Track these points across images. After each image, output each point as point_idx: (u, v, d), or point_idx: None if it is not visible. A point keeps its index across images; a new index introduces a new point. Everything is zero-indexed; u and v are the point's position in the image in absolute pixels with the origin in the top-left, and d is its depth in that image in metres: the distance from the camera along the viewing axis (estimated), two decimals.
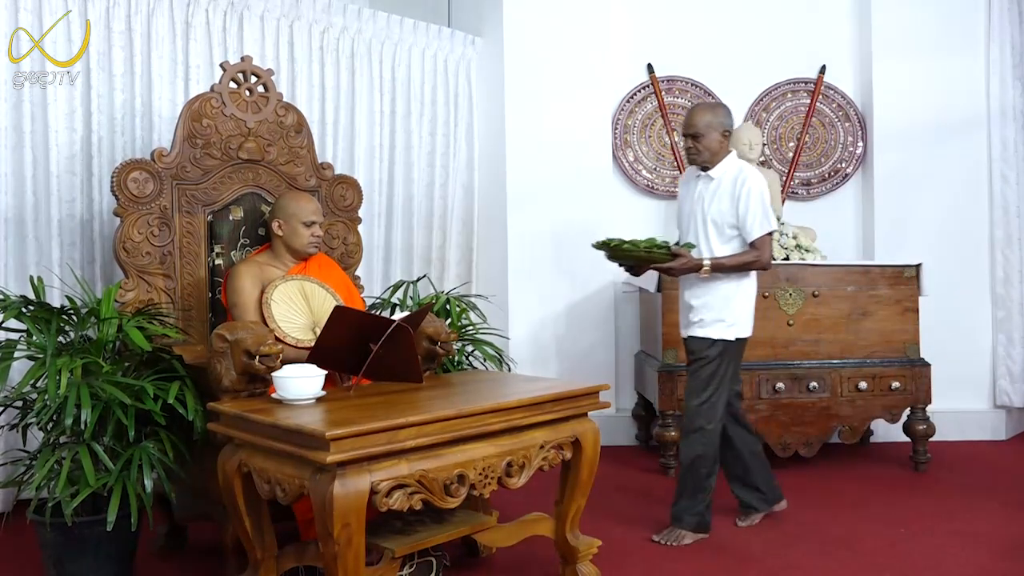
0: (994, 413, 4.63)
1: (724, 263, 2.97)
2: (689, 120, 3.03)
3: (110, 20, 3.39)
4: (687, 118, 3.06)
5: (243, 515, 2.23)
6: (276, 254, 2.90)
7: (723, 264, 2.97)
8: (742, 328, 3.04)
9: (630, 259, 3.00)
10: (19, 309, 2.44)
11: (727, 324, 3.00)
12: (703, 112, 3.03)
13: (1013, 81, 4.59)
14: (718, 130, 3.00)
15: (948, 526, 3.13)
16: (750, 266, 3.00)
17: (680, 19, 4.73)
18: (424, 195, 4.53)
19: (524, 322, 4.51)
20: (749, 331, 3.08)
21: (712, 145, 3.00)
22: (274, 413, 2.12)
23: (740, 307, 3.03)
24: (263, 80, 3.15)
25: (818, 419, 3.89)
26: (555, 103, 4.59)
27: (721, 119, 3.02)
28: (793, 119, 4.78)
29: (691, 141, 3.03)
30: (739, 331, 3.03)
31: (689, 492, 3.02)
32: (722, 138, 3.02)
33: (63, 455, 2.36)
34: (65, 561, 2.44)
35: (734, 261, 2.97)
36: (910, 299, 3.96)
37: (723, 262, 2.97)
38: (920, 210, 4.56)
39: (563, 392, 2.45)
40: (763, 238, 2.97)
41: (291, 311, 2.71)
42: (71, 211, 3.29)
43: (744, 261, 2.98)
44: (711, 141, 2.99)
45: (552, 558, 2.64)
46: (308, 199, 2.93)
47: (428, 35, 4.50)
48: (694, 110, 3.06)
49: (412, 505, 2.05)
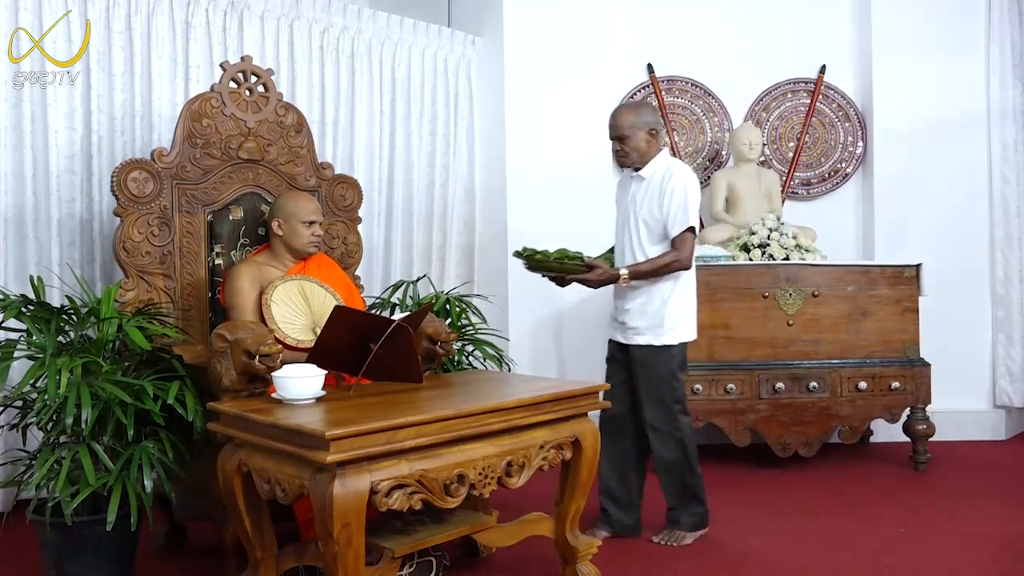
0: (994, 413, 4.63)
1: (642, 269, 2.88)
2: (612, 122, 2.97)
3: (110, 20, 3.39)
4: (610, 120, 2.98)
5: (243, 515, 2.23)
6: (275, 254, 2.89)
7: (642, 270, 2.88)
8: (683, 332, 2.96)
9: (546, 270, 2.91)
10: (19, 309, 2.44)
11: (666, 329, 2.92)
12: (626, 113, 2.97)
13: (1013, 81, 4.59)
14: (643, 129, 2.93)
15: (948, 526, 3.13)
16: (670, 267, 2.89)
17: (680, 19, 4.73)
18: (424, 195, 4.53)
19: (524, 322, 4.51)
20: (692, 334, 3.00)
21: (639, 145, 2.94)
22: (274, 413, 2.12)
23: (678, 309, 2.94)
24: (263, 80, 3.15)
25: (818, 419, 3.89)
26: (555, 103, 4.59)
27: (645, 118, 2.95)
28: (793, 119, 4.78)
29: (617, 144, 2.97)
30: (680, 335, 2.95)
31: (676, 494, 3.00)
32: (649, 137, 2.94)
33: (63, 455, 2.36)
34: (65, 561, 2.44)
35: (652, 265, 2.88)
36: (910, 299, 3.96)
37: (641, 268, 2.88)
38: (920, 210, 4.56)
39: (563, 392, 2.45)
40: (683, 235, 2.87)
41: (291, 312, 2.71)
42: (71, 211, 3.29)
43: (663, 263, 2.87)
44: (638, 141, 2.93)
45: (552, 558, 2.64)
46: (308, 198, 2.93)
47: (428, 35, 4.51)
48: (616, 112, 3.00)
49: (412, 505, 2.05)
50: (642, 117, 2.95)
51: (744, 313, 3.91)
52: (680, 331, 2.95)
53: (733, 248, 4.19)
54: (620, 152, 2.99)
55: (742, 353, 3.90)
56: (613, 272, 2.89)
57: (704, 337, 3.91)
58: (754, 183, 4.47)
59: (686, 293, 2.98)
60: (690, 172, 2.97)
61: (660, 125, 3.01)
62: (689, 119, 4.78)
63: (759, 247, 4.10)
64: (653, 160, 2.97)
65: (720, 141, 4.77)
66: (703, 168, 4.79)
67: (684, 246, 2.88)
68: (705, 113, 4.78)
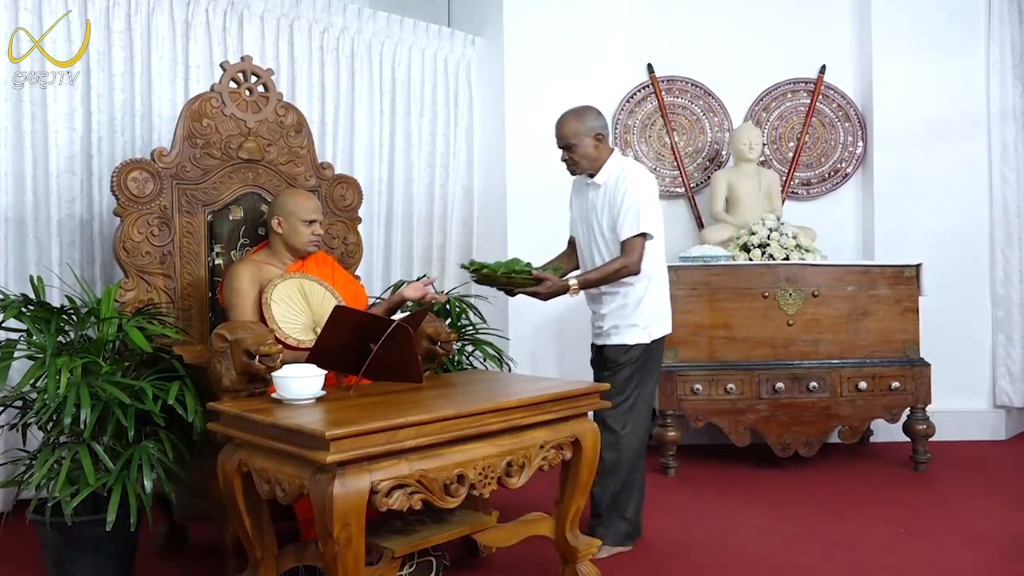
0: (994, 413, 4.63)
1: (591, 278, 2.83)
2: (557, 131, 2.91)
3: (110, 20, 3.39)
4: (555, 130, 2.92)
5: (243, 515, 2.23)
6: (274, 252, 2.88)
7: (591, 279, 2.83)
8: (659, 327, 2.94)
9: (494, 284, 2.84)
10: (19, 309, 2.44)
11: (641, 328, 2.88)
12: (570, 120, 2.89)
13: (1013, 81, 4.59)
14: (589, 135, 2.87)
15: (948, 526, 3.13)
16: (619, 274, 2.82)
17: (680, 19, 4.73)
18: (424, 195, 4.53)
19: (524, 322, 4.51)
20: (667, 328, 2.99)
21: (588, 152, 2.88)
22: (274, 413, 2.12)
23: (653, 306, 2.91)
24: (263, 80, 3.15)
25: (818, 419, 3.89)
26: (555, 103, 4.54)
27: (590, 123, 2.88)
28: (793, 119, 4.78)
29: (565, 153, 2.92)
30: (656, 331, 2.92)
31: (603, 503, 2.89)
32: (596, 142, 2.88)
33: (63, 455, 2.36)
34: (65, 561, 2.44)
35: (601, 273, 2.83)
36: (910, 299, 3.96)
37: (590, 277, 2.84)
38: (920, 210, 4.56)
39: (563, 392, 2.45)
40: (632, 240, 2.80)
41: (291, 311, 2.71)
42: (71, 211, 3.29)
43: (612, 271, 2.81)
44: (585, 148, 2.88)
45: (552, 558, 2.64)
46: (308, 197, 2.91)
47: (428, 35, 4.51)
48: (560, 120, 2.92)
49: (412, 505, 2.05)
50: (587, 123, 2.88)
51: (744, 313, 3.91)
52: (655, 328, 2.92)
53: (733, 248, 4.19)
54: (569, 161, 2.93)
55: (742, 353, 3.90)
56: (562, 283, 2.81)
57: (704, 337, 3.93)
58: (754, 183, 4.47)
59: (660, 292, 2.96)
60: (644, 174, 2.90)
61: (606, 128, 2.94)
62: (689, 119, 4.78)
63: (759, 247, 4.10)
64: (606, 165, 2.90)
65: (720, 141, 4.77)
66: (703, 168, 4.79)
67: (633, 251, 2.80)
68: (705, 113, 4.78)
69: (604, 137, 2.92)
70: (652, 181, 2.93)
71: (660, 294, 2.97)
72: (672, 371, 3.86)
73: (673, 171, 4.75)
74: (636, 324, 2.89)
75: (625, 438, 2.87)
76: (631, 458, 2.90)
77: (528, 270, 2.80)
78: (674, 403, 3.86)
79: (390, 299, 2.99)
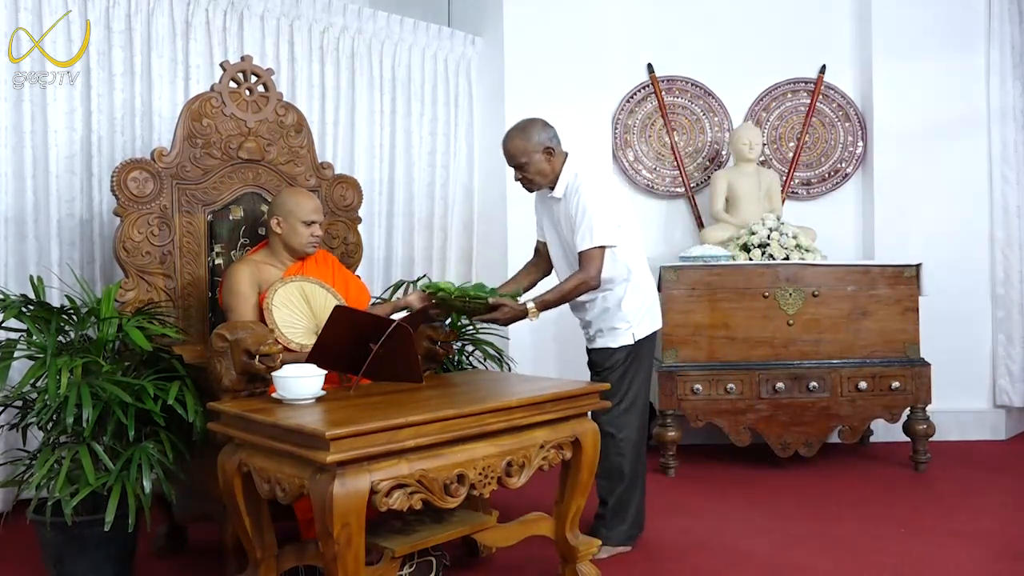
0: (994, 413, 4.63)
1: (549, 299, 2.76)
2: (504, 151, 2.85)
3: (110, 20, 3.39)
4: (503, 150, 2.86)
5: (243, 515, 2.23)
6: (273, 252, 2.86)
7: (548, 300, 2.76)
8: (643, 326, 2.89)
9: (450, 309, 2.77)
10: (19, 309, 2.44)
11: (624, 330, 2.86)
12: (514, 139, 2.83)
13: (1013, 81, 4.59)
14: (538, 151, 2.80)
15: (948, 526, 3.13)
16: (577, 290, 2.76)
17: (680, 19, 4.73)
18: (425, 195, 4.53)
19: (524, 322, 4.49)
20: (654, 325, 2.94)
21: (540, 168, 2.82)
22: (274, 413, 2.12)
23: (635, 306, 2.87)
24: (263, 80, 3.15)
25: (818, 419, 3.89)
26: (555, 103, 4.57)
27: (536, 138, 2.81)
28: (793, 119, 4.78)
29: (518, 173, 2.86)
30: (640, 330, 2.88)
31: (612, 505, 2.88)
32: (547, 156, 2.81)
33: (63, 455, 2.36)
34: (65, 561, 2.44)
35: (558, 294, 2.76)
36: (910, 299, 3.96)
37: (547, 299, 2.77)
38: (920, 210, 4.56)
39: (563, 392, 2.45)
40: (589, 252, 2.71)
41: (293, 315, 2.70)
42: (71, 211, 3.29)
43: (569, 289, 2.75)
44: (537, 164, 2.81)
45: (552, 558, 2.64)
46: (308, 197, 2.88)
47: (428, 35, 4.51)
48: (505, 140, 2.85)
49: (412, 505, 2.05)
50: (533, 138, 2.81)
51: (744, 313, 3.91)
52: (639, 328, 2.88)
53: (733, 248, 4.19)
54: (524, 180, 2.87)
55: (742, 353, 3.90)
56: (520, 309, 2.72)
57: (704, 337, 3.93)
58: (754, 183, 4.47)
59: (640, 290, 2.89)
60: (595, 180, 2.80)
61: (555, 139, 2.85)
62: (689, 119, 4.78)
63: (759, 247, 4.10)
64: (561, 175, 2.83)
65: (720, 141, 4.77)
66: (703, 168, 4.79)
67: (589, 265, 2.73)
68: (705, 113, 4.78)
69: (554, 149, 2.83)
70: (604, 184, 2.83)
71: (641, 292, 2.90)
72: (672, 371, 3.86)
73: (673, 171, 4.75)
74: (618, 327, 2.86)
75: (624, 440, 2.86)
76: (632, 459, 2.89)
77: (484, 296, 2.66)
78: (674, 403, 3.86)
79: (394, 303, 2.99)
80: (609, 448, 2.80)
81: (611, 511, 2.89)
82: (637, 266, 2.90)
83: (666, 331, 3.90)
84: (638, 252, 2.93)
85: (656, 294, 3.02)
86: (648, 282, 2.96)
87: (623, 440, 2.86)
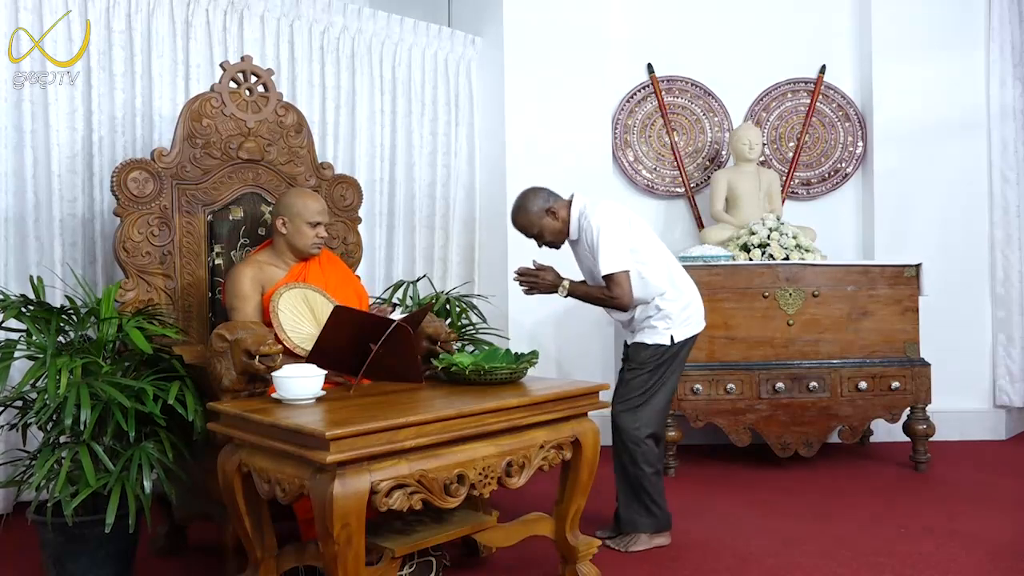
0: (994, 413, 4.63)
1: (580, 288, 2.92)
2: (518, 229, 2.98)
3: (110, 20, 3.39)
4: (517, 228, 2.97)
5: (243, 515, 2.23)
6: (277, 252, 2.85)
7: (579, 290, 2.92)
8: (683, 329, 2.95)
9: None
10: (19, 309, 2.44)
11: (661, 330, 2.92)
12: (519, 217, 2.94)
13: (1013, 81, 4.59)
14: (542, 216, 2.91)
15: (948, 526, 3.13)
16: (605, 303, 2.91)
17: (680, 19, 4.73)
18: (425, 195, 4.53)
19: (524, 322, 4.51)
20: (694, 328, 2.98)
21: (552, 228, 2.93)
22: (274, 413, 2.12)
23: (676, 309, 2.93)
24: (263, 80, 3.15)
25: (818, 419, 3.89)
26: (555, 103, 4.59)
27: (536, 207, 2.91)
28: (793, 119, 4.78)
29: (539, 241, 2.99)
30: (680, 333, 2.94)
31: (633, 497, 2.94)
32: (550, 216, 2.91)
33: (63, 455, 2.35)
34: (65, 561, 2.44)
35: (587, 291, 2.92)
36: (910, 299, 3.96)
37: (579, 287, 2.93)
38: (920, 210, 4.57)
39: (563, 392, 2.45)
40: (613, 276, 2.83)
41: (297, 320, 2.69)
42: (72, 211, 3.29)
43: (598, 294, 2.89)
44: (548, 227, 2.93)
45: (552, 558, 2.64)
46: (315, 198, 2.87)
47: (428, 35, 4.51)
48: (513, 220, 2.97)
49: (412, 505, 2.05)
50: (532, 209, 2.91)
51: (744, 313, 3.91)
52: (677, 331, 2.94)
53: (733, 248, 4.19)
54: (548, 245, 2.99)
55: (742, 353, 3.91)
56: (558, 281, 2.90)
57: (704, 337, 3.90)
58: (754, 183, 4.47)
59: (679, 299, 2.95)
60: (601, 212, 2.87)
61: (551, 196, 2.95)
62: (689, 119, 4.78)
63: (759, 247, 4.10)
64: (571, 220, 2.93)
65: (720, 141, 4.77)
66: (703, 168, 4.79)
67: (614, 288, 2.84)
68: (705, 113, 4.79)
69: (553, 206, 2.92)
70: (611, 212, 2.90)
71: (682, 299, 2.96)
72: None
73: (673, 171, 4.75)
74: (656, 326, 2.94)
75: (639, 430, 2.90)
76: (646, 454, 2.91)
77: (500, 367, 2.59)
78: (674, 403, 3.86)
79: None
80: (626, 440, 2.89)
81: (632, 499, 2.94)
82: (673, 280, 2.96)
83: None
84: (668, 267, 2.97)
85: (699, 299, 3.05)
86: (688, 289, 3.01)
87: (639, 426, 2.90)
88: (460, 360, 2.62)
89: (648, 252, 2.93)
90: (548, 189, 2.99)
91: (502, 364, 2.62)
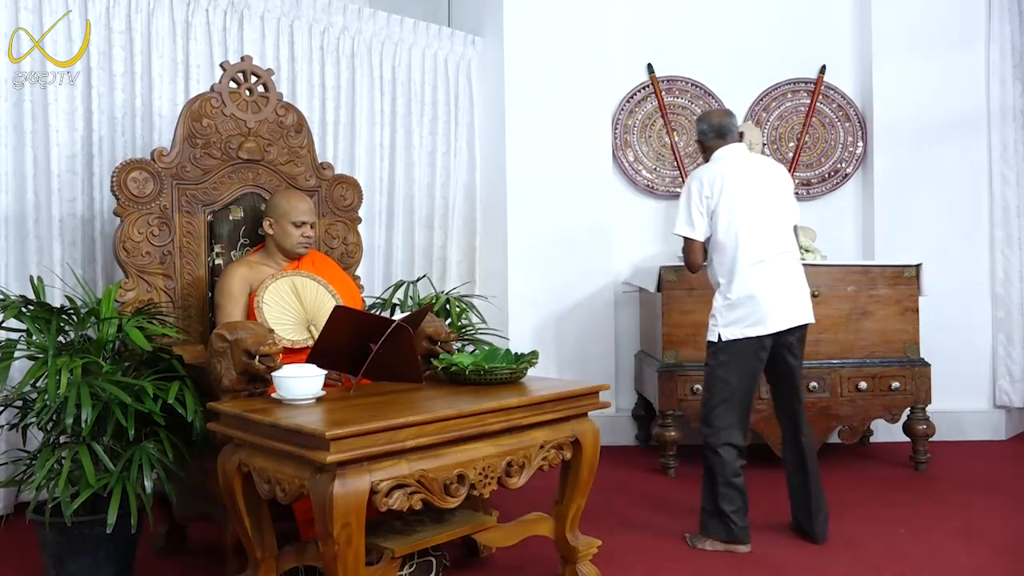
0: (994, 413, 4.63)
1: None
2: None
3: (110, 20, 3.39)
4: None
5: (243, 515, 2.23)
6: (269, 253, 2.90)
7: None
8: (732, 329, 2.88)
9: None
10: (19, 309, 2.44)
11: (711, 326, 2.95)
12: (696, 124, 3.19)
13: (1013, 81, 4.59)
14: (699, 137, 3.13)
15: (948, 526, 3.13)
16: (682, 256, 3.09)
17: (680, 19, 4.73)
18: (425, 195, 4.53)
19: (524, 322, 4.51)
20: (747, 331, 2.86)
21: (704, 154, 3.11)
22: (274, 413, 2.12)
23: (724, 308, 2.90)
24: (263, 80, 3.15)
25: (818, 419, 3.88)
26: (555, 103, 4.59)
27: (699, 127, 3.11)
28: (793, 119, 4.78)
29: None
30: (728, 332, 2.88)
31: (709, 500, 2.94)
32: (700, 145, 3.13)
33: (63, 455, 2.36)
34: (65, 561, 2.44)
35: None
36: (910, 299, 3.96)
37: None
38: (920, 210, 4.56)
39: (563, 392, 2.45)
40: (685, 241, 3.00)
41: (282, 312, 2.70)
42: (72, 211, 3.29)
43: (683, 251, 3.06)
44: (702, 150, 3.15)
45: (552, 558, 2.64)
46: (300, 198, 2.90)
47: (428, 35, 4.51)
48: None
49: (412, 505, 2.05)
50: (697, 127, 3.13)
51: None
52: (726, 330, 2.89)
53: None
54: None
55: None
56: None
57: (704, 337, 3.91)
58: None
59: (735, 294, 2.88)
60: (696, 174, 3.00)
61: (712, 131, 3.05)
62: (689, 119, 4.77)
63: None
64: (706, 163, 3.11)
65: None
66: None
67: (686, 251, 3.01)
68: None
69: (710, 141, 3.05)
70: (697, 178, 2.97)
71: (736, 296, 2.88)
72: (672, 371, 3.86)
73: (673, 171, 4.75)
74: (711, 320, 2.98)
75: (710, 435, 2.91)
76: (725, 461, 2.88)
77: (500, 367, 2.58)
78: (674, 403, 3.86)
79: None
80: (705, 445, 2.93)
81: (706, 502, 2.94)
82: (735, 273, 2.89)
83: (666, 331, 3.90)
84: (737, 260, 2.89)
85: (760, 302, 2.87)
86: (745, 289, 2.87)
87: (710, 434, 2.91)
88: (460, 360, 2.62)
89: (722, 235, 2.92)
90: (727, 121, 3.06)
91: (502, 364, 2.61)
